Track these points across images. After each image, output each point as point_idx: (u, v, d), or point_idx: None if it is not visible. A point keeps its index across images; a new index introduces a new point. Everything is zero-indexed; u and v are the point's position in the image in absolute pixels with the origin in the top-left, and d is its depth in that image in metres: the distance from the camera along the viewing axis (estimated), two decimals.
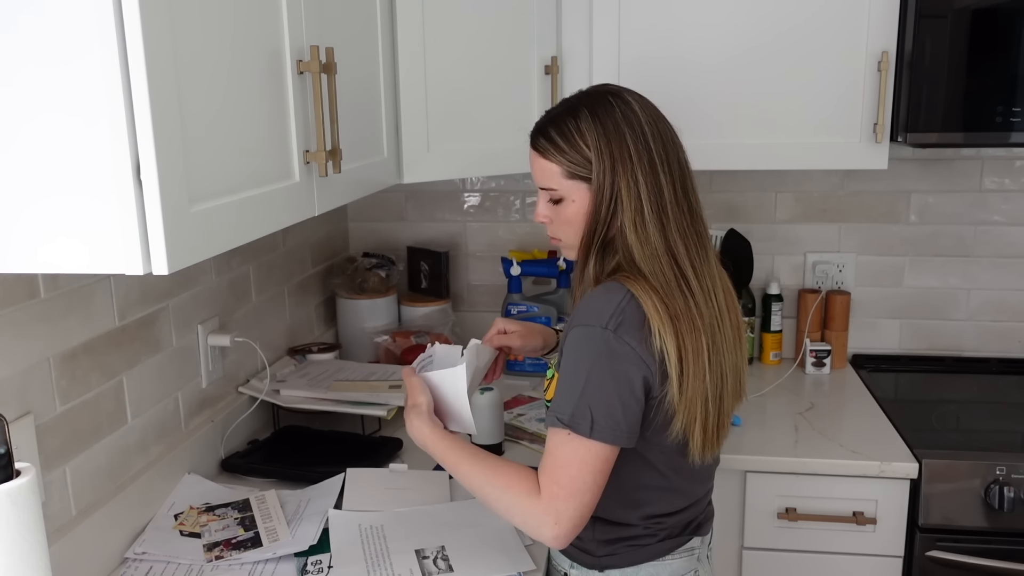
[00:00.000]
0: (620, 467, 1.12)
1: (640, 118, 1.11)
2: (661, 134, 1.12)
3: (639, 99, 1.15)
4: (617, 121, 1.10)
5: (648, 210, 1.09)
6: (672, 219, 1.11)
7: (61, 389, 1.19)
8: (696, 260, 1.12)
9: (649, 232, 1.09)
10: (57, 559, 1.06)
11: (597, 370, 1.07)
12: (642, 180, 1.09)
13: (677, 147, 1.14)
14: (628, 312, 1.06)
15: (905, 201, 2.16)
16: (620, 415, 1.07)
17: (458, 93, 1.67)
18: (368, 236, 2.34)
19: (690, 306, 1.09)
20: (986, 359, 2.19)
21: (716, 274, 1.16)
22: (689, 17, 1.78)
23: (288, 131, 1.09)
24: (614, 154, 1.10)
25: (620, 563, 1.21)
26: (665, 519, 1.20)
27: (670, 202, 1.11)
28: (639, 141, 1.10)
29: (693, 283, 1.10)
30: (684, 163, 1.14)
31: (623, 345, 1.06)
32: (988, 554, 1.62)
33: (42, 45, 0.77)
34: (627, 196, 1.10)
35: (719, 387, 1.12)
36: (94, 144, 0.78)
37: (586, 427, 1.06)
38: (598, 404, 1.06)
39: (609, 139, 1.10)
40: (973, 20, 1.67)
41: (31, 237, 0.81)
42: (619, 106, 1.12)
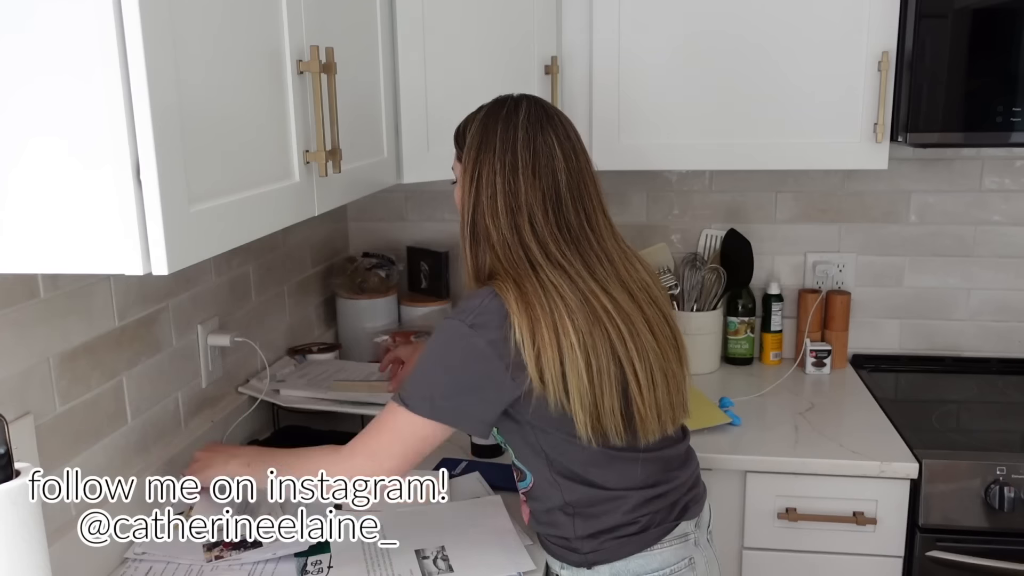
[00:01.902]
0: (554, 451, 1.19)
1: (519, 122, 1.21)
2: (535, 143, 1.20)
3: (535, 108, 1.23)
4: (497, 119, 1.22)
5: (501, 201, 1.20)
6: (527, 216, 1.19)
7: (61, 389, 1.19)
8: (558, 257, 1.18)
9: (500, 220, 1.20)
10: (57, 559, 1.06)
11: (450, 359, 1.16)
12: (498, 176, 1.20)
13: (554, 159, 1.21)
14: (490, 309, 1.14)
15: (905, 201, 2.16)
16: (466, 401, 1.16)
17: (458, 93, 1.67)
18: (368, 236, 2.34)
19: (546, 289, 1.15)
20: (986, 359, 2.19)
21: (612, 280, 1.20)
22: (689, 18, 1.78)
23: (288, 131, 1.09)
24: (480, 144, 1.22)
25: (607, 558, 1.22)
26: (634, 493, 1.21)
27: (527, 201, 1.19)
28: (507, 144, 1.21)
29: (549, 271, 1.16)
30: (558, 174, 1.21)
31: (479, 339, 1.13)
32: (988, 554, 1.62)
33: (42, 46, 0.77)
34: (486, 182, 1.21)
35: (616, 375, 1.15)
36: (94, 144, 0.78)
37: (424, 406, 1.15)
38: (444, 388, 1.16)
39: (484, 131, 1.23)
40: (973, 20, 1.67)
41: (31, 237, 0.81)
42: (508, 108, 1.24)
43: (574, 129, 1.26)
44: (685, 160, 1.85)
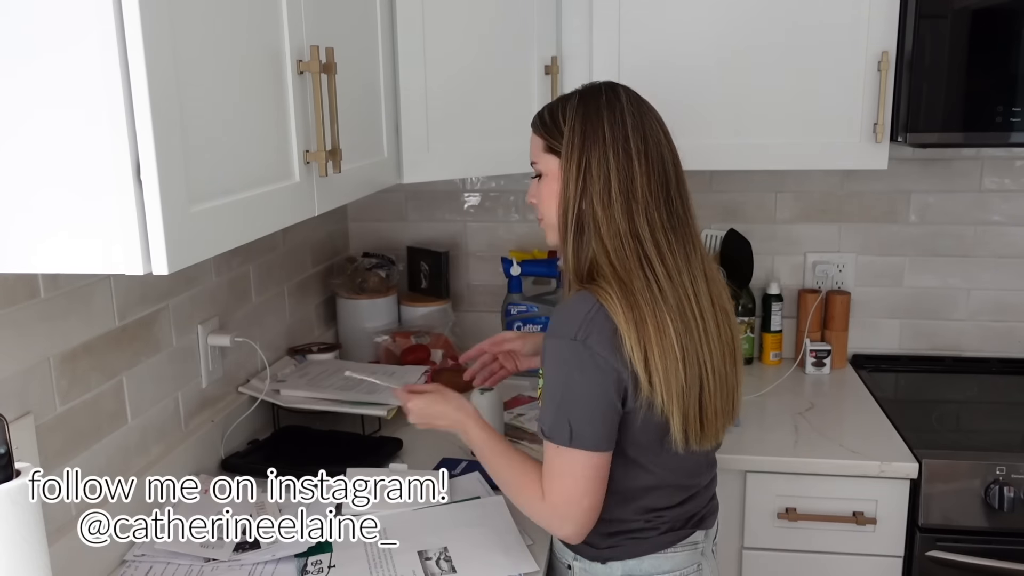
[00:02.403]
0: (619, 473, 1.17)
1: (624, 108, 1.16)
2: (644, 128, 1.16)
3: (631, 95, 1.19)
4: (599, 106, 1.16)
5: (616, 189, 1.13)
6: (641, 205, 1.14)
7: (61, 389, 1.19)
8: (666, 250, 1.14)
9: (615, 210, 1.13)
10: (57, 559, 1.06)
11: (571, 382, 1.11)
12: (612, 161, 1.14)
13: (661, 145, 1.17)
14: (596, 321, 1.10)
15: (905, 201, 2.16)
16: (599, 423, 1.12)
17: (458, 93, 1.67)
18: (368, 236, 2.34)
19: (649, 288, 1.12)
20: (986, 359, 2.19)
21: (699, 273, 1.18)
22: (689, 17, 1.78)
23: (288, 131, 1.09)
24: (586, 131, 1.15)
25: (622, 555, 1.23)
26: (665, 512, 1.22)
27: (641, 190, 1.14)
28: (616, 126, 1.15)
29: (657, 268, 1.13)
30: (666, 161, 1.17)
31: (593, 355, 1.10)
32: (988, 554, 1.62)
33: (42, 46, 0.77)
34: (596, 172, 1.14)
35: (698, 375, 1.14)
36: (94, 144, 0.78)
37: (565, 438, 1.11)
38: (575, 415, 1.11)
39: (585, 118, 1.16)
40: (973, 20, 1.67)
41: (31, 237, 0.81)
42: (606, 94, 1.18)
43: (662, 118, 1.23)
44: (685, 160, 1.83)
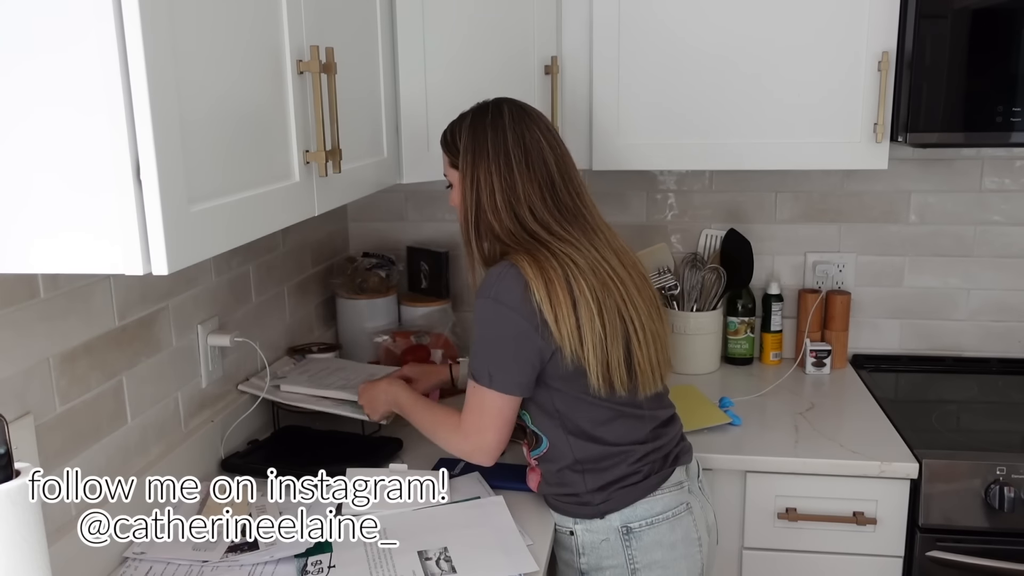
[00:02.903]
0: (567, 410, 1.34)
1: (505, 124, 1.35)
2: (524, 140, 1.35)
3: (515, 110, 1.37)
4: (485, 125, 1.36)
5: (500, 197, 1.33)
6: (526, 207, 1.33)
7: (61, 389, 1.19)
8: (564, 236, 1.32)
9: (502, 215, 1.33)
10: (57, 559, 1.06)
11: (487, 335, 1.31)
12: (495, 173, 1.34)
13: (543, 151, 1.35)
14: (506, 279, 1.29)
15: (905, 201, 2.16)
16: (513, 370, 1.30)
17: (458, 93, 1.66)
18: (368, 236, 2.34)
19: (559, 257, 1.29)
20: (986, 359, 2.19)
21: (605, 249, 1.35)
22: (689, 18, 1.78)
23: (288, 131, 1.09)
24: (474, 149, 1.36)
25: (617, 506, 1.35)
26: (637, 447, 1.35)
27: (525, 194, 1.33)
28: (497, 144, 1.34)
29: (556, 245, 1.31)
30: (549, 164, 1.35)
31: (504, 310, 1.28)
32: (988, 554, 1.62)
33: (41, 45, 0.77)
34: (484, 183, 1.34)
35: (622, 330, 1.31)
36: (94, 144, 0.78)
37: (486, 380, 1.31)
38: (493, 362, 1.31)
39: (475, 138, 1.36)
40: (973, 20, 1.67)
41: (31, 237, 0.81)
42: (491, 113, 1.37)
43: (549, 121, 1.41)
44: (685, 160, 1.85)
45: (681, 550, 1.36)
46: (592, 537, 1.37)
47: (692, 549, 1.37)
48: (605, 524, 1.36)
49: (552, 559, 1.41)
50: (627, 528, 1.35)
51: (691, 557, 1.37)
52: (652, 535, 1.35)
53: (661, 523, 1.35)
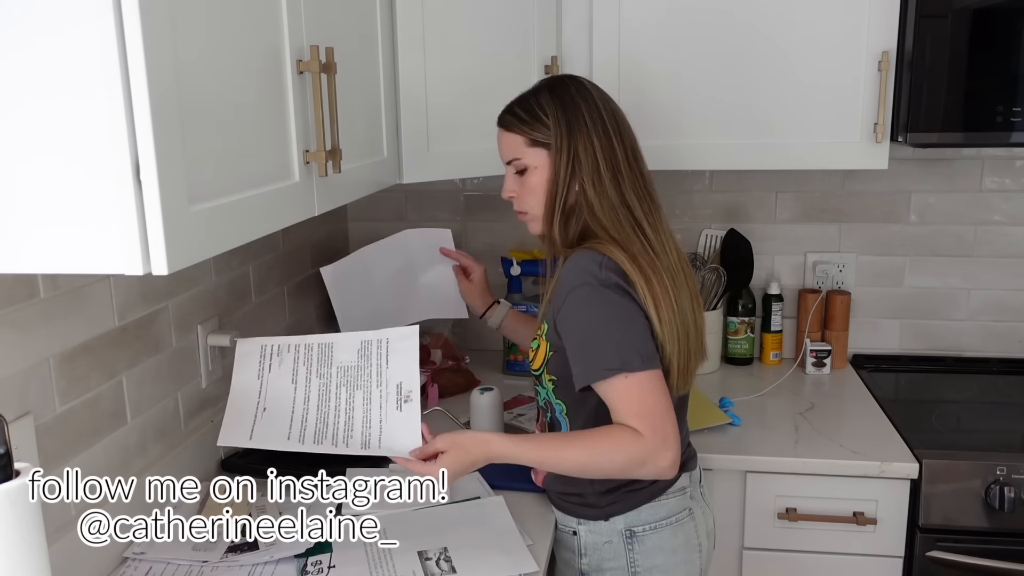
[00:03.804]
0: (605, 414, 1.23)
1: (593, 94, 1.28)
2: (612, 109, 1.28)
3: (592, 83, 1.31)
4: (572, 95, 1.27)
5: (604, 168, 1.25)
6: (626, 178, 1.26)
7: (61, 389, 1.19)
8: (650, 216, 1.27)
9: (606, 187, 1.25)
10: (57, 559, 1.06)
11: (614, 316, 1.20)
12: (597, 143, 1.25)
13: (626, 122, 1.30)
14: (608, 266, 1.20)
15: (905, 201, 2.16)
16: (651, 344, 1.20)
17: (458, 93, 1.67)
18: (368, 236, 2.33)
19: (647, 251, 1.24)
20: (986, 359, 2.19)
21: (670, 233, 1.31)
22: (689, 18, 1.78)
23: (288, 131, 1.09)
24: (570, 120, 1.26)
25: (622, 509, 1.34)
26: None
27: (623, 164, 1.26)
28: (593, 111, 1.26)
29: (649, 233, 1.25)
30: (634, 136, 1.30)
31: (617, 291, 1.19)
32: (988, 554, 1.62)
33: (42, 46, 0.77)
34: (584, 156, 1.25)
35: (687, 325, 1.26)
36: (93, 144, 0.78)
37: (638, 362, 1.18)
38: (636, 341, 1.19)
39: (566, 108, 1.26)
40: (973, 20, 1.67)
41: (31, 237, 0.81)
42: (573, 84, 1.29)
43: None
44: (685, 160, 1.85)
45: (682, 555, 1.36)
46: (595, 539, 1.37)
47: (692, 555, 1.37)
48: (609, 526, 1.35)
49: (552, 559, 1.41)
50: (631, 531, 1.34)
51: (691, 563, 1.37)
52: (655, 539, 1.34)
53: (664, 528, 1.35)
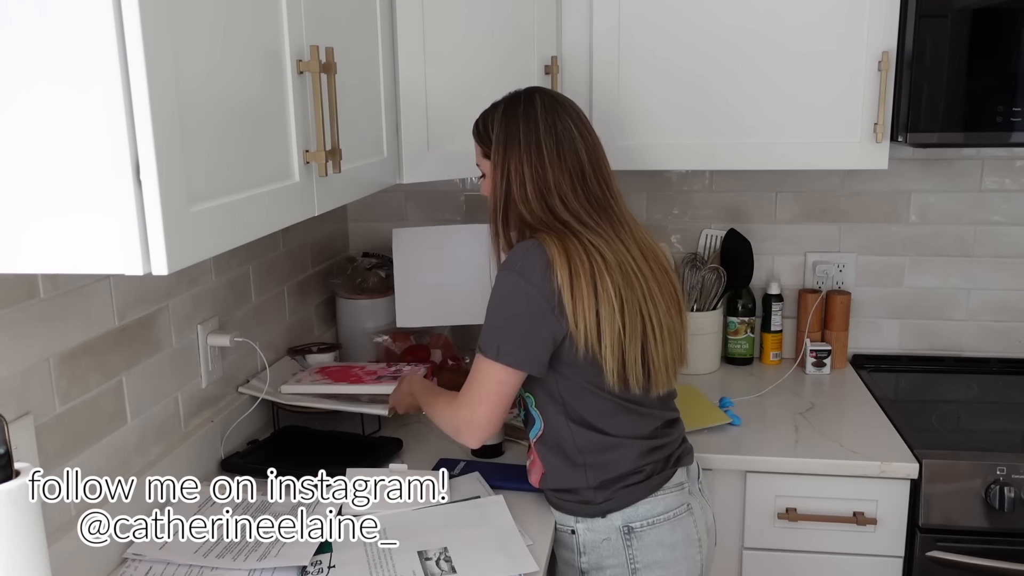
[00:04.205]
0: (571, 398, 1.34)
1: (537, 114, 1.35)
2: (556, 130, 1.34)
3: (547, 99, 1.37)
4: (517, 115, 1.36)
5: (531, 186, 1.33)
6: (556, 197, 1.32)
7: (61, 389, 1.19)
8: (592, 226, 1.32)
9: (533, 204, 1.33)
10: (57, 559, 1.06)
11: (503, 307, 1.30)
12: (526, 162, 1.34)
13: (575, 141, 1.35)
14: (532, 255, 1.28)
15: (905, 201, 2.16)
16: (523, 344, 1.29)
17: (458, 93, 1.67)
18: (368, 236, 2.34)
19: (587, 248, 1.28)
20: (986, 359, 2.19)
21: (631, 242, 1.35)
22: (689, 18, 1.78)
23: (288, 131, 1.09)
24: (507, 140, 1.36)
25: (619, 505, 1.36)
26: (638, 442, 1.35)
27: (555, 183, 1.33)
28: (529, 133, 1.34)
29: (586, 235, 1.30)
30: (580, 154, 1.35)
31: (524, 284, 1.27)
32: (988, 554, 1.62)
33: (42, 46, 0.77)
34: (515, 173, 1.34)
35: (640, 328, 1.30)
36: (94, 145, 0.78)
37: (493, 352, 1.30)
38: (504, 335, 1.29)
39: (508, 128, 1.36)
40: (973, 20, 1.66)
41: (31, 237, 0.81)
42: (524, 103, 1.37)
43: (581, 110, 1.40)
44: (685, 160, 1.85)
45: (681, 551, 1.36)
46: (593, 536, 1.37)
47: (692, 550, 1.38)
48: (606, 523, 1.36)
49: (552, 558, 1.41)
50: (628, 528, 1.35)
51: (691, 558, 1.38)
52: (653, 535, 1.35)
53: (662, 523, 1.36)
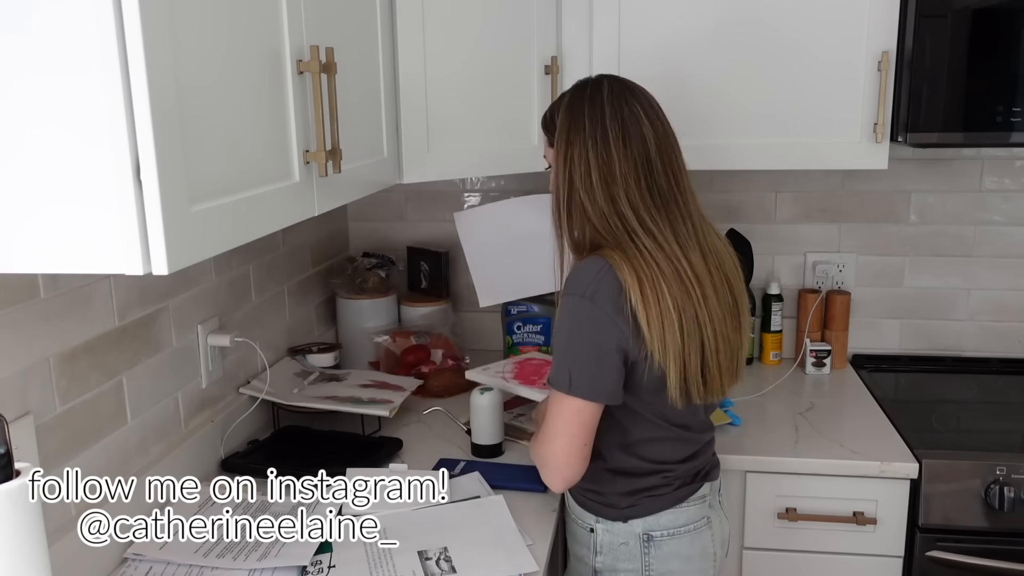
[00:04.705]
0: (622, 422, 1.30)
1: (603, 98, 1.29)
2: (622, 115, 1.28)
3: (615, 84, 1.31)
4: (582, 101, 1.30)
5: (596, 175, 1.26)
6: (621, 188, 1.26)
7: (61, 389, 1.19)
8: (651, 226, 1.26)
9: (597, 194, 1.26)
10: (57, 559, 1.06)
11: (575, 334, 1.23)
12: (591, 150, 1.27)
13: (642, 128, 1.28)
14: (604, 279, 1.21)
15: (905, 201, 2.16)
16: (597, 374, 1.22)
17: (458, 93, 1.67)
18: (368, 236, 2.34)
19: (644, 257, 1.23)
20: (986, 359, 2.19)
21: (691, 244, 1.29)
22: (689, 19, 1.78)
23: (288, 131, 1.09)
24: (570, 127, 1.30)
25: (641, 513, 1.34)
26: (676, 467, 1.34)
27: (621, 173, 1.26)
28: (595, 118, 1.28)
29: (646, 240, 1.24)
30: (648, 143, 1.28)
31: (597, 310, 1.21)
32: (988, 554, 1.62)
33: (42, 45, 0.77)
34: (578, 160, 1.28)
35: (698, 337, 1.24)
36: (94, 144, 0.78)
37: (565, 384, 1.23)
38: (576, 365, 1.23)
39: (572, 114, 1.30)
40: (973, 20, 1.67)
41: (31, 237, 0.81)
42: (590, 87, 1.32)
43: (654, 98, 1.33)
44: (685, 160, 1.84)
45: (697, 564, 1.35)
46: (612, 539, 1.36)
47: (707, 564, 1.37)
48: (627, 528, 1.34)
49: (552, 558, 1.41)
50: (648, 536, 1.34)
51: (704, 571, 1.37)
52: (671, 546, 1.34)
53: (682, 535, 1.34)
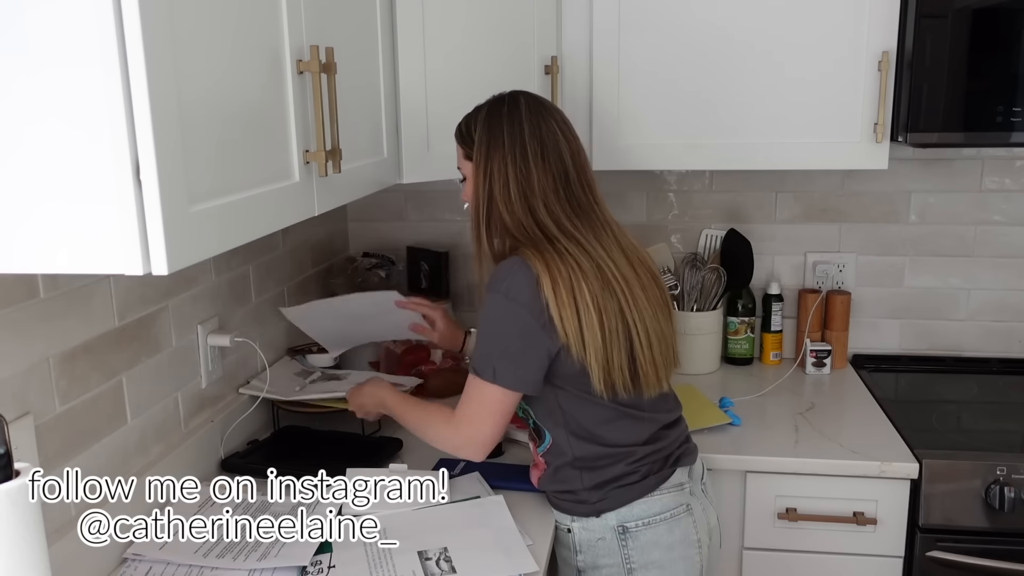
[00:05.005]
0: (571, 409, 1.34)
1: (522, 116, 1.34)
2: (540, 132, 1.34)
3: (531, 102, 1.37)
4: (501, 116, 1.35)
5: (515, 189, 1.32)
6: (540, 200, 1.32)
7: (61, 389, 1.19)
8: (572, 232, 1.32)
9: (516, 207, 1.32)
10: (57, 559, 1.06)
11: (494, 330, 1.30)
12: (511, 165, 1.32)
13: (559, 144, 1.34)
14: (518, 276, 1.28)
15: (905, 201, 2.16)
16: (518, 365, 1.29)
17: (458, 93, 1.67)
18: (368, 236, 2.34)
19: (564, 257, 1.29)
20: (986, 359, 2.19)
21: (613, 247, 1.34)
22: (688, 19, 1.78)
23: (288, 131, 1.09)
24: (490, 142, 1.34)
25: (613, 505, 1.36)
26: (637, 449, 1.36)
27: (539, 187, 1.32)
28: (514, 135, 1.33)
29: (564, 243, 1.30)
30: (564, 158, 1.34)
31: (514, 305, 1.27)
32: (988, 554, 1.62)
33: (41, 45, 0.77)
34: (498, 174, 1.33)
35: (625, 332, 1.30)
36: (94, 144, 0.78)
37: (489, 375, 1.29)
38: (498, 357, 1.29)
39: (490, 129, 1.35)
40: (973, 20, 1.66)
41: (31, 237, 0.81)
42: (508, 104, 1.36)
43: (565, 115, 1.40)
44: (685, 160, 1.85)
45: (679, 551, 1.36)
46: (588, 535, 1.37)
47: (691, 551, 1.37)
48: (601, 523, 1.36)
49: (552, 558, 1.42)
50: (623, 527, 1.35)
51: (689, 559, 1.37)
52: (649, 535, 1.35)
53: (659, 524, 1.35)
